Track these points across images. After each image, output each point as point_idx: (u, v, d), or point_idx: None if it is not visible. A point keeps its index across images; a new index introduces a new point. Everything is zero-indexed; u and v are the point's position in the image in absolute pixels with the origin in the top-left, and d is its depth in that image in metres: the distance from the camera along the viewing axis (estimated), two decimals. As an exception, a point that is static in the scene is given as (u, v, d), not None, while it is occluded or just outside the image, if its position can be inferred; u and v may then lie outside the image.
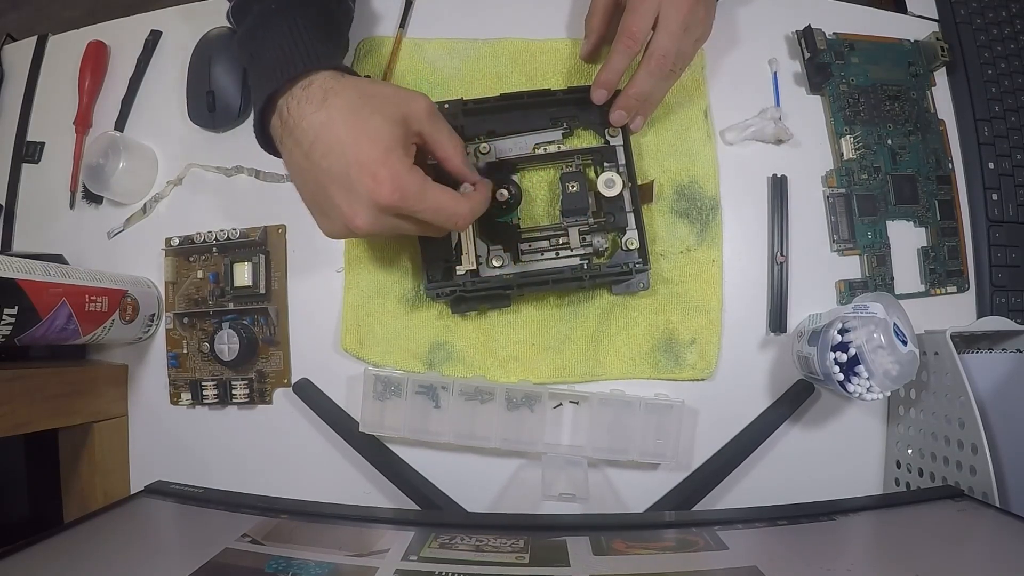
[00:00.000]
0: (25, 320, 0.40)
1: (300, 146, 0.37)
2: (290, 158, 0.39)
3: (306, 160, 0.37)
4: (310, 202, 0.39)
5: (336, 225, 0.38)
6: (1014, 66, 0.55)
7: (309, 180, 0.38)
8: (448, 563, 0.34)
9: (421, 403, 0.48)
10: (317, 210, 0.39)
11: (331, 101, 0.37)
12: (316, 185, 0.38)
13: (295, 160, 0.38)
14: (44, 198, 0.57)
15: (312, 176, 0.37)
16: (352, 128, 0.36)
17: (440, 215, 0.39)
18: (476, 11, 0.55)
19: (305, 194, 0.39)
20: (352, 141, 0.36)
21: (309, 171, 0.37)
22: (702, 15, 0.45)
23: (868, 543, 0.40)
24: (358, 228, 0.37)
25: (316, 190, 0.38)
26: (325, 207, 0.38)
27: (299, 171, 0.38)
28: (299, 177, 0.39)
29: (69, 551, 0.36)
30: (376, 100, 0.38)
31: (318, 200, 0.38)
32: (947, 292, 0.52)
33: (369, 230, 0.38)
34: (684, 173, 0.51)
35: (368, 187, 0.36)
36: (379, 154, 0.36)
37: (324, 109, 0.37)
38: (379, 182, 0.36)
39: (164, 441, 0.53)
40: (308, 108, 0.37)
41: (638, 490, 0.50)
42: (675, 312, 0.50)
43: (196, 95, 0.54)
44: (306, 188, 0.39)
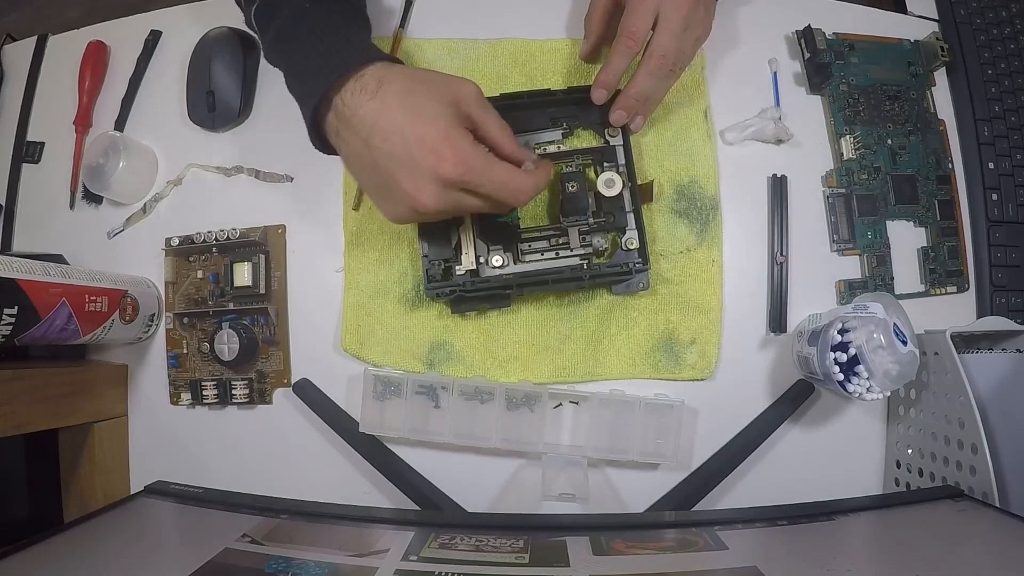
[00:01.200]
0: (25, 320, 0.40)
1: (359, 135, 0.38)
2: (349, 150, 0.39)
3: (366, 148, 0.38)
4: (374, 190, 0.40)
5: (401, 208, 0.39)
6: (1014, 66, 0.55)
7: (370, 167, 0.38)
8: (448, 563, 0.34)
9: (421, 403, 0.48)
10: (381, 196, 0.40)
11: (385, 88, 0.38)
12: (378, 171, 0.38)
13: (354, 150, 0.39)
14: (44, 198, 0.57)
15: (373, 162, 0.38)
16: (409, 111, 0.37)
17: (503, 190, 0.39)
18: (476, 11, 0.55)
19: (368, 182, 0.40)
20: (410, 122, 0.37)
21: (369, 158, 0.38)
22: (702, 15, 0.44)
23: (868, 543, 0.40)
24: (425, 205, 0.37)
25: (378, 176, 0.38)
26: (389, 191, 0.38)
27: (359, 160, 0.39)
28: (360, 167, 0.39)
29: (69, 551, 0.36)
30: (428, 85, 0.39)
31: (381, 186, 0.39)
32: (947, 292, 0.52)
33: (436, 206, 0.38)
34: (684, 173, 0.51)
35: (431, 163, 0.36)
36: (439, 132, 0.37)
37: (379, 97, 0.37)
38: (442, 157, 0.36)
39: (164, 441, 0.53)
40: (363, 98, 0.37)
41: (638, 490, 0.50)
42: (675, 312, 0.50)
43: (196, 95, 0.54)
44: (368, 176, 0.39)
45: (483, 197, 0.39)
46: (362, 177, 0.40)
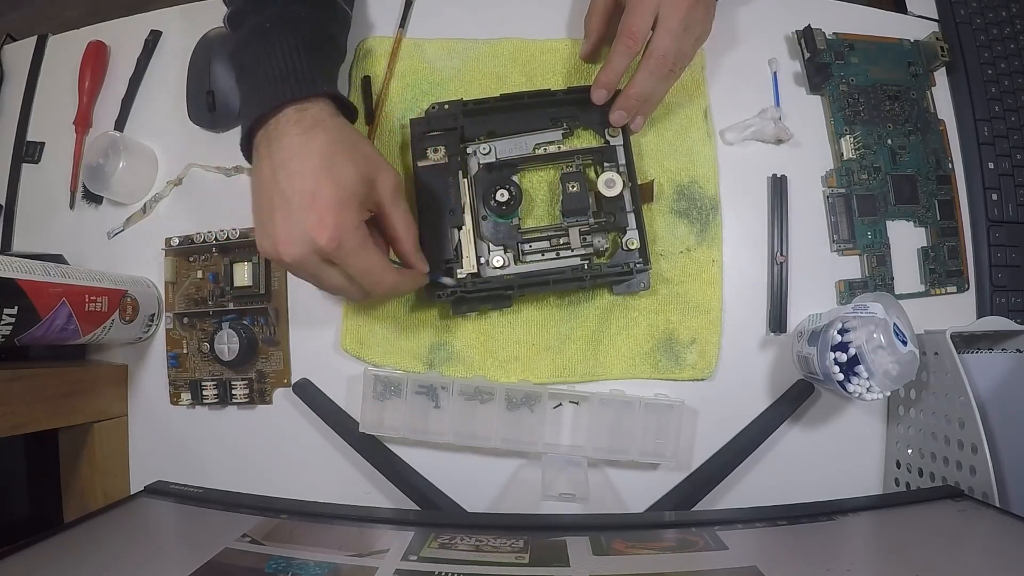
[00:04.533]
0: (25, 320, 0.40)
1: (272, 160, 0.38)
2: (258, 166, 0.39)
3: (271, 175, 0.38)
4: (256, 213, 0.40)
5: (267, 244, 0.39)
6: (1014, 66, 0.55)
7: (265, 193, 0.38)
8: (448, 563, 0.34)
9: (421, 403, 0.48)
10: (259, 223, 0.39)
11: (316, 132, 0.38)
12: (267, 200, 0.38)
13: (261, 170, 0.39)
14: (44, 198, 0.57)
15: (267, 190, 0.38)
16: (324, 164, 0.37)
17: (366, 276, 0.40)
18: (476, 11, 0.55)
19: (257, 205, 0.40)
20: (317, 175, 0.37)
21: (267, 185, 0.38)
22: (702, 15, 0.44)
23: (868, 543, 0.40)
24: (284, 257, 0.38)
25: (265, 205, 0.38)
26: (267, 224, 0.38)
27: (260, 182, 0.39)
28: (257, 187, 0.39)
29: (69, 551, 0.36)
30: (354, 151, 0.39)
31: (263, 215, 0.39)
32: (947, 292, 0.52)
33: (294, 264, 0.38)
34: (684, 173, 0.51)
35: (311, 225, 0.37)
36: (335, 199, 0.37)
37: (307, 136, 0.38)
38: (323, 225, 0.37)
39: (164, 441, 0.53)
40: (294, 129, 0.38)
41: (638, 490, 0.50)
42: (675, 312, 0.50)
43: (196, 95, 0.54)
44: (258, 199, 0.39)
45: (343, 278, 0.40)
46: (256, 198, 0.40)
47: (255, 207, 0.40)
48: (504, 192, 0.47)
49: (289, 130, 0.38)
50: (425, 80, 0.53)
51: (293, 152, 0.38)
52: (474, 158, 0.49)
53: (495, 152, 0.49)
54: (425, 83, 0.53)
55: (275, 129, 0.38)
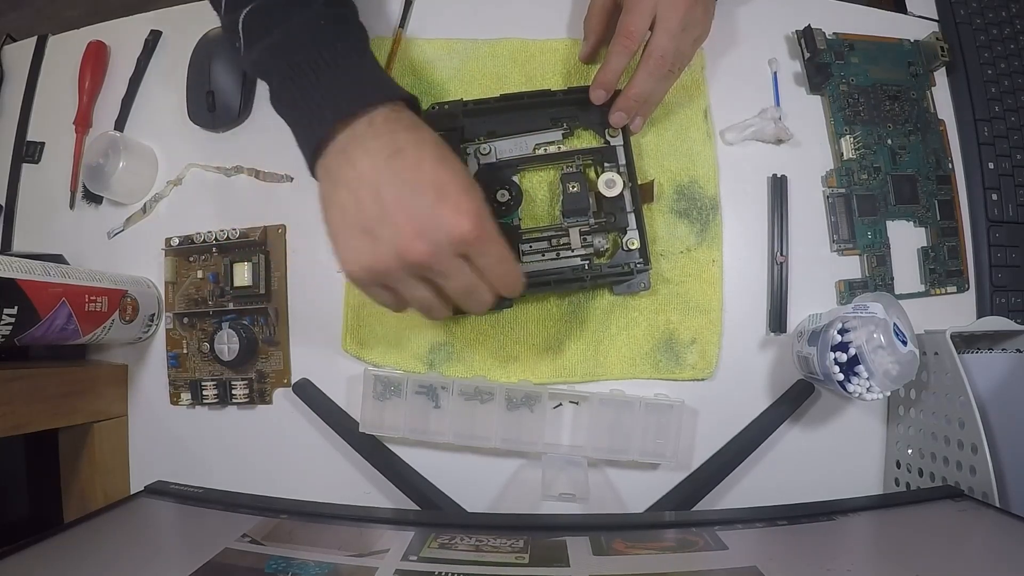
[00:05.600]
0: (25, 320, 0.40)
1: (373, 157, 0.34)
2: (354, 169, 0.34)
3: (385, 165, 0.34)
4: (359, 217, 0.34)
5: (382, 250, 0.33)
6: (1014, 66, 0.55)
7: (371, 191, 0.33)
8: (448, 563, 0.34)
9: (421, 403, 0.48)
10: (363, 229, 0.34)
11: (422, 130, 0.36)
12: (377, 198, 0.33)
13: (362, 170, 0.34)
14: (44, 198, 0.57)
15: (378, 187, 0.33)
16: (439, 156, 0.35)
17: (500, 267, 0.36)
18: (475, 11, 0.55)
19: (355, 210, 0.34)
20: (437, 166, 0.34)
21: (378, 181, 0.33)
22: (700, 14, 0.44)
23: (868, 543, 0.40)
24: (411, 255, 0.33)
25: (375, 203, 0.33)
26: (378, 226, 0.33)
27: (362, 182, 0.34)
28: (361, 187, 0.34)
29: (69, 551, 0.36)
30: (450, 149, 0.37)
31: (372, 216, 0.33)
32: (947, 292, 0.52)
33: (422, 262, 0.33)
34: (684, 173, 0.51)
35: (448, 213, 0.33)
36: (465, 186, 0.34)
37: (413, 133, 0.35)
38: (462, 212, 0.33)
39: (164, 441, 0.53)
40: (395, 127, 0.35)
41: (638, 490, 0.50)
42: (675, 312, 0.50)
43: (196, 95, 0.54)
44: (362, 200, 0.34)
45: (475, 273, 0.36)
46: (353, 201, 0.34)
47: (350, 215, 0.34)
48: (504, 192, 0.47)
49: (391, 127, 0.35)
50: (425, 80, 0.53)
51: (404, 146, 0.34)
52: (474, 158, 0.49)
53: (495, 152, 0.49)
54: (425, 83, 0.53)
55: (369, 128, 0.35)
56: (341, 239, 0.35)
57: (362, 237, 0.34)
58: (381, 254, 0.34)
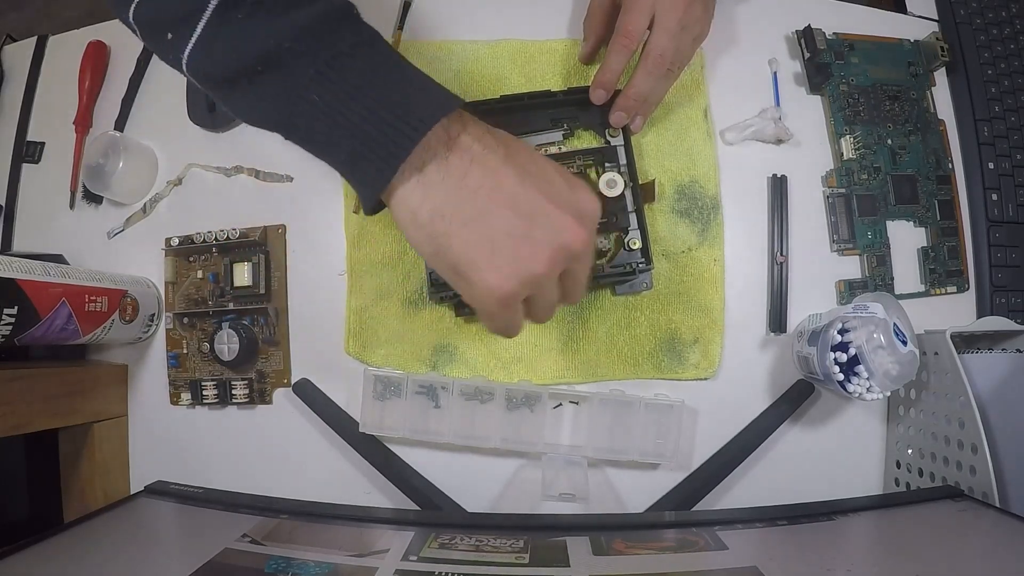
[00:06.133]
0: (25, 320, 0.40)
1: (495, 152, 0.30)
2: (474, 173, 0.30)
3: (506, 166, 0.30)
4: (506, 227, 0.30)
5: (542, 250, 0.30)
6: (1014, 66, 0.55)
7: (507, 196, 0.30)
8: (448, 563, 0.34)
9: (421, 403, 0.48)
10: (513, 237, 0.30)
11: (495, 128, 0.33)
12: (519, 199, 0.30)
13: (485, 174, 0.30)
14: (44, 198, 0.57)
15: (512, 189, 0.30)
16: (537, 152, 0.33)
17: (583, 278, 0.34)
18: (475, 12, 0.55)
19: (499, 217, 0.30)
20: (545, 159, 0.32)
21: (507, 184, 0.30)
22: (699, 13, 0.44)
23: (868, 543, 0.40)
24: (579, 242, 0.31)
25: (521, 205, 0.30)
26: (531, 227, 0.30)
27: (489, 188, 0.30)
28: (491, 194, 0.30)
29: (69, 551, 0.36)
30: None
31: (522, 219, 0.30)
32: (947, 292, 0.52)
33: (586, 247, 0.31)
34: (685, 173, 0.51)
35: (584, 199, 0.31)
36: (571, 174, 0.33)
37: (495, 129, 0.32)
38: (588, 191, 0.32)
39: (164, 441, 0.53)
40: (483, 125, 0.31)
41: (638, 490, 0.50)
42: (677, 312, 0.50)
43: (196, 95, 0.54)
44: (501, 208, 0.30)
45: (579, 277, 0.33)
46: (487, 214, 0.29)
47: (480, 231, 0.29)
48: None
49: (482, 126, 0.31)
50: (425, 80, 0.53)
51: (506, 141, 0.31)
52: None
53: (495, 152, 0.49)
54: (425, 83, 0.53)
55: (470, 127, 0.31)
56: (488, 257, 0.29)
57: (517, 244, 0.30)
58: (545, 253, 0.30)
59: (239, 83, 0.29)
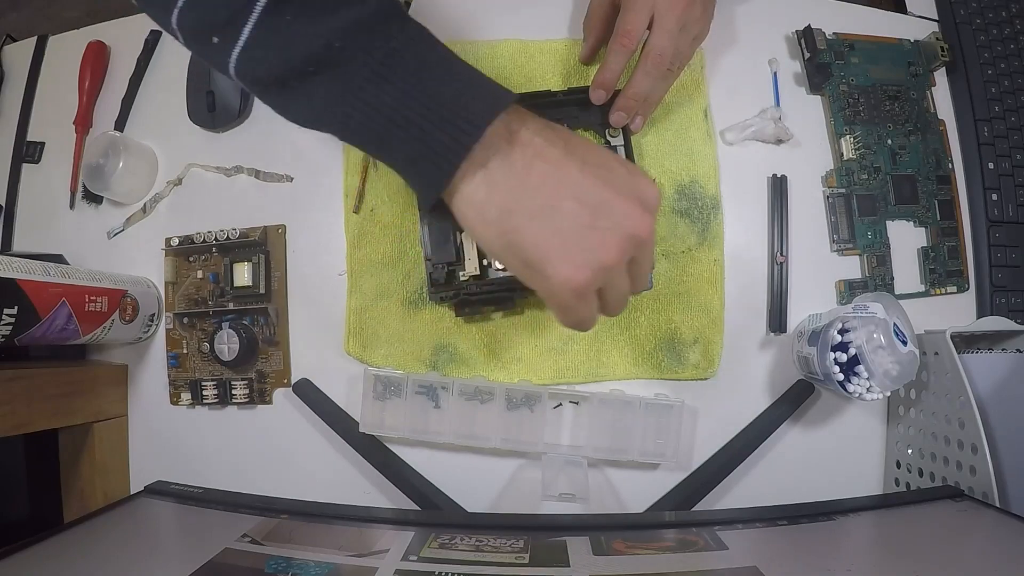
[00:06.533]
0: (25, 320, 0.40)
1: (556, 145, 0.30)
2: (538, 167, 0.30)
3: (568, 158, 0.30)
4: (574, 219, 0.30)
5: (612, 239, 0.30)
6: (1014, 66, 0.55)
7: (571, 188, 0.30)
8: (448, 563, 0.34)
9: (421, 403, 0.48)
10: (583, 228, 0.30)
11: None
12: (584, 191, 0.30)
13: (547, 168, 0.30)
14: (44, 198, 0.57)
15: (575, 181, 0.30)
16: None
17: (648, 265, 0.34)
18: (474, 12, 0.55)
19: (567, 209, 0.30)
20: (600, 146, 0.33)
21: (570, 176, 0.30)
22: (699, 13, 0.44)
23: (868, 543, 0.40)
24: (645, 230, 0.30)
25: (587, 197, 0.30)
26: (599, 217, 0.30)
27: (553, 182, 0.30)
28: (557, 187, 0.30)
29: (69, 551, 0.36)
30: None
31: (589, 210, 0.30)
32: (947, 292, 0.52)
33: (651, 235, 0.31)
34: (685, 173, 0.51)
35: (645, 185, 0.31)
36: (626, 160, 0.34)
37: (551, 122, 0.32)
38: (647, 178, 0.32)
39: (164, 441, 0.53)
40: (540, 119, 0.32)
41: (638, 490, 0.50)
42: (677, 312, 0.50)
43: (196, 95, 0.54)
44: (566, 200, 0.30)
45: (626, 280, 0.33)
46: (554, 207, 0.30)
47: (550, 224, 0.30)
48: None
49: (538, 120, 0.31)
50: (425, 80, 0.53)
51: (564, 134, 0.32)
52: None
53: (495, 152, 0.49)
54: (425, 83, 0.53)
55: (524, 125, 0.31)
56: (561, 251, 0.30)
57: (586, 235, 0.30)
58: (614, 242, 0.30)
59: (289, 84, 0.29)
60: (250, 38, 0.28)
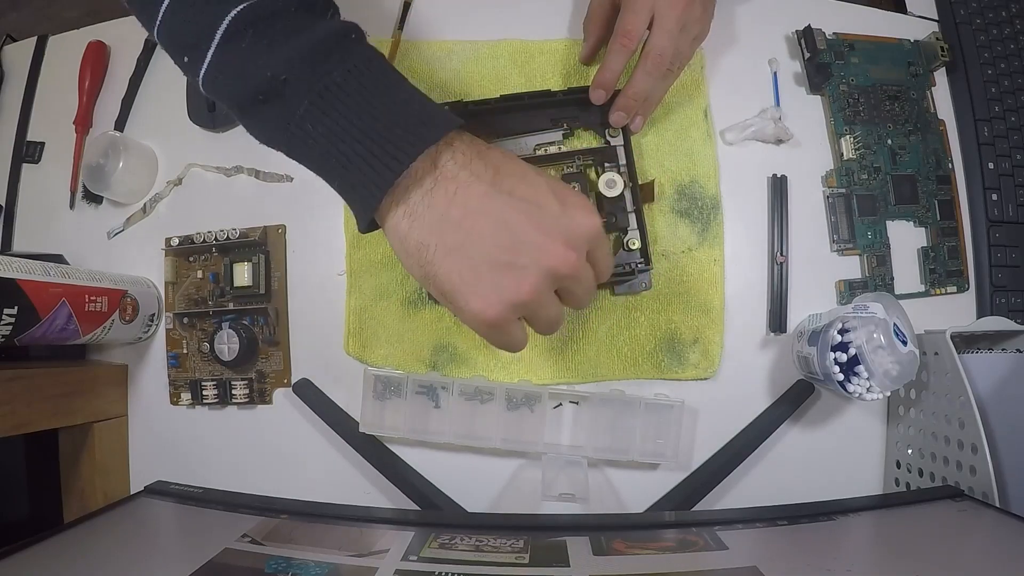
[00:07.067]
0: (25, 320, 0.40)
1: (482, 179, 0.30)
2: (459, 198, 0.30)
3: (494, 190, 0.30)
4: (491, 252, 0.30)
5: (529, 276, 0.30)
6: (1014, 66, 0.55)
7: (492, 221, 0.30)
8: (448, 563, 0.34)
9: (421, 403, 0.48)
10: (498, 264, 0.30)
11: (493, 146, 0.33)
12: (503, 225, 0.30)
13: (469, 200, 0.30)
14: (44, 198, 0.57)
15: (498, 214, 0.30)
16: (531, 168, 0.33)
17: (608, 255, 0.34)
18: (475, 12, 0.55)
19: (485, 243, 0.30)
20: (538, 171, 0.32)
21: (494, 208, 0.30)
22: (699, 13, 0.44)
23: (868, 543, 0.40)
24: (563, 268, 0.30)
25: (504, 231, 0.30)
26: (516, 253, 0.30)
27: (475, 214, 0.30)
28: (476, 220, 0.30)
29: (69, 551, 0.36)
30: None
31: (506, 245, 0.30)
32: (947, 292, 0.52)
33: (573, 271, 0.31)
34: (685, 173, 0.51)
35: (580, 216, 0.31)
36: (563, 183, 0.33)
37: (491, 148, 0.32)
38: (587, 209, 0.31)
39: (164, 441, 0.53)
40: (477, 146, 0.32)
41: (638, 490, 0.50)
42: (677, 312, 0.50)
43: (196, 95, 0.54)
44: (485, 234, 0.30)
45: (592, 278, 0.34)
46: (473, 240, 0.30)
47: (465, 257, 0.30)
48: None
49: (474, 148, 0.31)
50: (424, 82, 0.53)
51: (498, 164, 0.31)
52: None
53: (495, 152, 0.49)
54: (424, 85, 0.53)
55: (455, 157, 0.31)
56: (472, 286, 0.30)
57: (500, 272, 0.30)
58: (530, 281, 0.30)
59: (245, 108, 0.31)
60: (212, 62, 0.30)
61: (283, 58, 0.29)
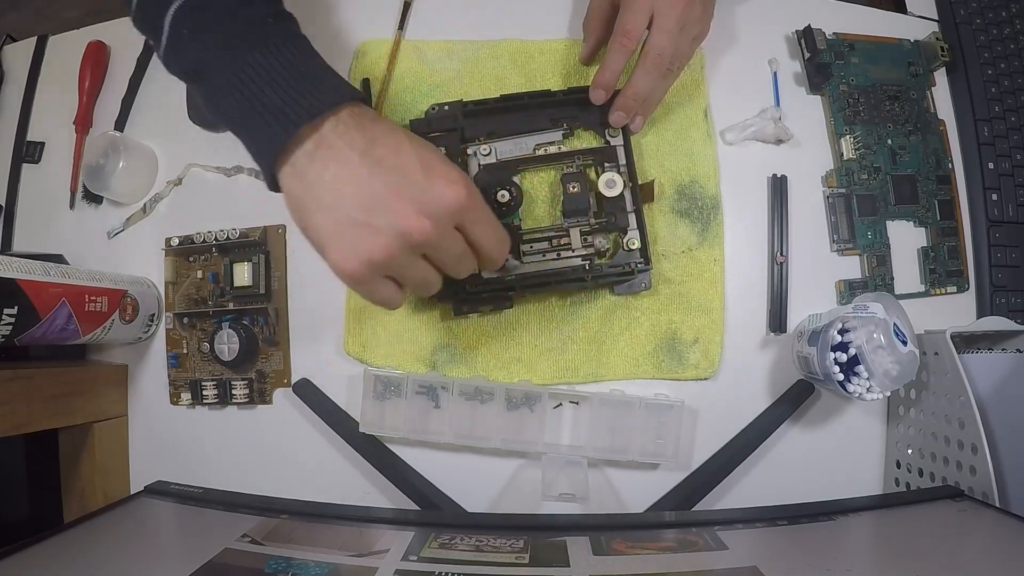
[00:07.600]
0: (25, 320, 0.40)
1: (352, 148, 0.34)
2: (333, 164, 0.34)
3: (364, 158, 0.34)
4: (350, 213, 0.34)
5: (383, 238, 0.33)
6: (1014, 66, 0.55)
7: (357, 185, 0.33)
8: (448, 563, 0.34)
9: (421, 403, 0.48)
10: (357, 223, 0.34)
11: (389, 121, 0.37)
12: (365, 189, 0.33)
13: (341, 165, 0.34)
14: (44, 198, 0.57)
15: (363, 179, 0.33)
16: (411, 138, 0.36)
17: (492, 230, 0.37)
18: (475, 12, 0.55)
19: (346, 204, 0.34)
20: (414, 146, 0.35)
21: (361, 174, 0.33)
22: (698, 13, 0.44)
23: (868, 543, 0.40)
24: (417, 234, 0.33)
25: (365, 195, 0.33)
26: (374, 215, 0.33)
27: (344, 178, 0.34)
28: (344, 183, 0.34)
29: (69, 551, 0.36)
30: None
31: (365, 207, 0.33)
32: (947, 292, 0.52)
33: (428, 239, 0.34)
34: (684, 173, 0.51)
35: (442, 186, 0.34)
36: (443, 158, 0.36)
37: (384, 123, 0.36)
38: (453, 181, 0.34)
39: (164, 441, 0.53)
40: (364, 119, 0.35)
41: (638, 490, 0.50)
42: (677, 312, 0.50)
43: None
44: (347, 196, 0.34)
45: (465, 244, 0.37)
46: (338, 200, 0.34)
47: (343, 213, 0.34)
48: (505, 193, 0.47)
49: (358, 122, 0.35)
50: (424, 82, 0.53)
51: (377, 135, 0.34)
52: (475, 159, 0.49)
53: (495, 153, 0.49)
54: (425, 85, 0.53)
55: (337, 127, 0.34)
56: (334, 240, 0.34)
57: (358, 230, 0.34)
58: (382, 242, 0.34)
59: (188, 84, 0.37)
60: (166, 48, 0.36)
61: (209, 44, 0.35)
